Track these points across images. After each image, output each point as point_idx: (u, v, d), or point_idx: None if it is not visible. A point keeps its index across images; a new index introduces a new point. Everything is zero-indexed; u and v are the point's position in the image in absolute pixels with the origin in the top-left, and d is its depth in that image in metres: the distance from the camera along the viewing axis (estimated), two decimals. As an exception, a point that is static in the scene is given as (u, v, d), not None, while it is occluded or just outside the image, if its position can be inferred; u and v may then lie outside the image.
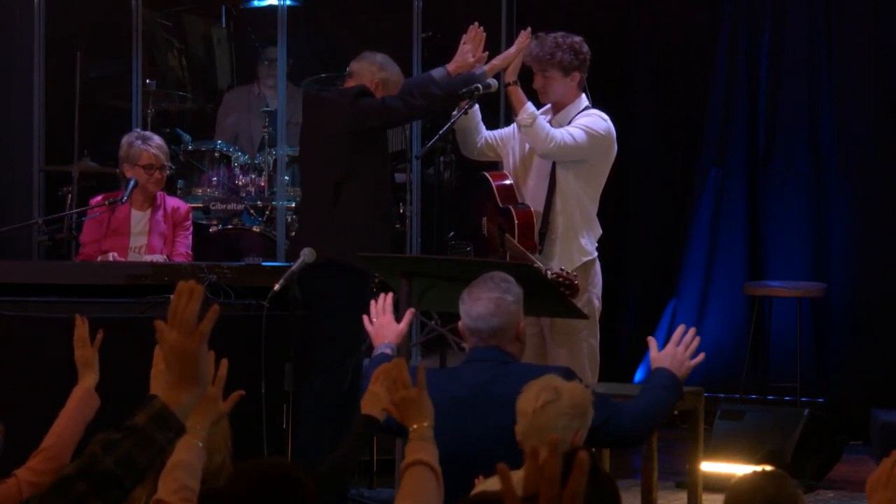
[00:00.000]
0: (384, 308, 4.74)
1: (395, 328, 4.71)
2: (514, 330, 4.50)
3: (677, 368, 4.49)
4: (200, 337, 2.61)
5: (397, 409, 3.54)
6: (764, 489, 3.16)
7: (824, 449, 7.33)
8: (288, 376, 5.71)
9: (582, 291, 6.11)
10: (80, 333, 4.25)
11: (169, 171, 6.98)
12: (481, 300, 4.48)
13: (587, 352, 6.22)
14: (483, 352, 4.48)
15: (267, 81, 8.80)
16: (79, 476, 2.48)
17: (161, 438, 2.55)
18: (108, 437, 2.51)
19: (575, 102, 6.35)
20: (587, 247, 6.28)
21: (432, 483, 3.35)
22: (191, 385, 2.60)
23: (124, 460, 2.49)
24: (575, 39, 6.35)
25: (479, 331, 4.48)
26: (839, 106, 8.59)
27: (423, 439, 3.44)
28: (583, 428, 3.95)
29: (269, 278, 5.94)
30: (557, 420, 3.90)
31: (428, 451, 3.41)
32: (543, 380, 4.01)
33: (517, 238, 6.18)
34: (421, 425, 3.48)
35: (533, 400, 3.93)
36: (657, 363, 4.52)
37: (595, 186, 6.34)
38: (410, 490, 3.32)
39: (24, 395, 5.74)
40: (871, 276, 8.53)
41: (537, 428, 3.90)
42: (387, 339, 4.69)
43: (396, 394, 3.53)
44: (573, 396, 3.94)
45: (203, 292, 2.64)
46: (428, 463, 3.36)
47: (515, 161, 6.44)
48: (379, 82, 6.38)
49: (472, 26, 6.60)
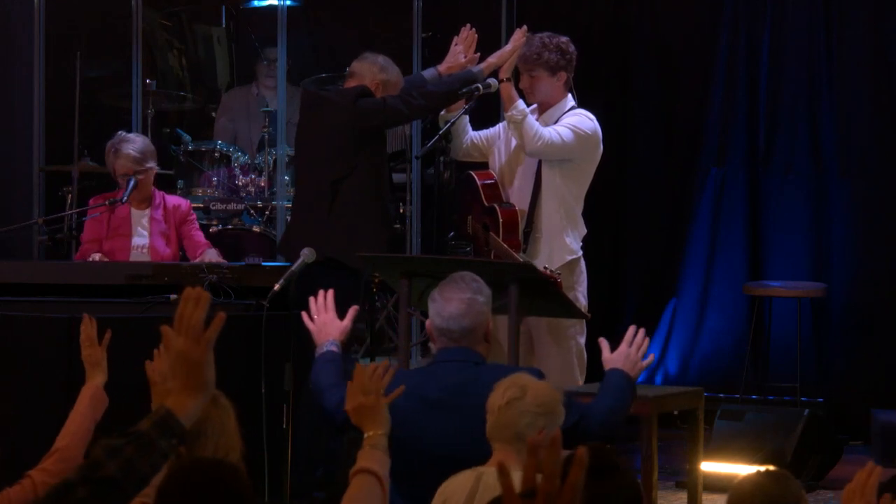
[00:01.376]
0: (326, 305, 4.71)
1: (339, 325, 4.65)
2: (483, 330, 4.50)
3: (630, 369, 4.53)
4: (206, 344, 2.61)
5: (353, 414, 3.51)
6: (767, 489, 3.15)
7: (824, 449, 7.33)
8: (288, 376, 5.70)
9: (568, 290, 6.11)
10: (87, 333, 4.24)
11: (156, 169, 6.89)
12: (453, 301, 4.46)
13: (576, 350, 6.23)
14: (453, 352, 4.46)
15: (266, 81, 8.80)
16: (81, 481, 2.48)
17: (164, 445, 2.54)
18: (110, 443, 2.51)
19: (561, 102, 6.37)
20: (572, 245, 6.29)
21: (377, 492, 3.33)
22: (196, 391, 2.60)
23: (126, 466, 2.49)
24: (562, 39, 6.36)
25: (450, 331, 4.47)
26: (839, 106, 8.59)
27: (375, 447, 3.42)
28: (548, 427, 3.93)
29: (269, 278, 5.94)
30: (521, 418, 3.89)
31: (378, 459, 3.39)
32: (512, 377, 4.01)
33: (501, 237, 6.20)
34: (376, 433, 3.46)
35: (499, 397, 3.93)
36: (610, 364, 4.56)
37: (580, 186, 6.35)
38: (355, 497, 3.31)
39: (24, 395, 5.74)
40: (871, 276, 8.52)
41: (502, 425, 3.91)
42: (331, 336, 4.65)
43: (355, 399, 3.51)
44: (539, 395, 3.93)
45: (210, 299, 2.64)
46: (375, 472, 3.34)
47: (501, 161, 6.46)
48: (379, 83, 6.38)
49: (464, 28, 6.62)
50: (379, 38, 9.00)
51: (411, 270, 5.56)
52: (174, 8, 9.50)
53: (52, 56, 8.41)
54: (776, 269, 8.67)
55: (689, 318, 8.78)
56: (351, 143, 6.27)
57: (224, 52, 9.53)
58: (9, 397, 5.78)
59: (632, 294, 9.04)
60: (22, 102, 8.35)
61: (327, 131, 6.33)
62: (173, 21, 9.47)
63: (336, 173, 6.29)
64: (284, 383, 5.71)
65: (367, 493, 3.31)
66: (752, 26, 8.76)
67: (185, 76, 9.49)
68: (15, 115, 8.46)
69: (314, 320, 4.66)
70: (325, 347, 4.61)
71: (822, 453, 7.31)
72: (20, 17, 8.37)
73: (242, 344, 5.69)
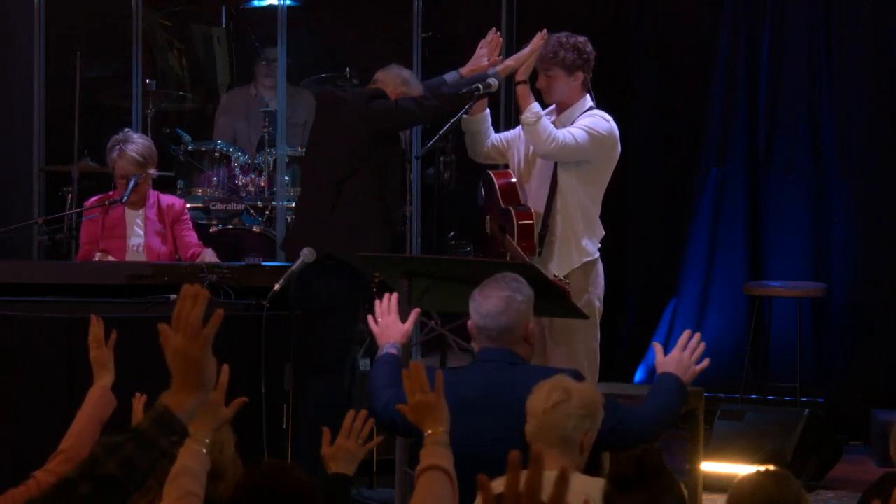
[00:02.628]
0: (389, 308, 4.75)
1: (401, 328, 4.72)
2: (522, 330, 4.50)
3: (682, 373, 4.49)
4: (204, 341, 2.61)
5: (413, 413, 3.53)
6: (767, 489, 3.15)
7: (824, 449, 7.33)
8: (288, 376, 5.70)
9: (582, 292, 6.11)
10: (95, 333, 4.24)
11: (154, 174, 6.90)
12: (491, 298, 4.48)
13: (586, 352, 6.21)
14: (491, 352, 4.47)
15: (265, 81, 8.79)
16: (81, 479, 2.48)
17: (163, 442, 2.54)
18: (110, 441, 2.51)
19: (579, 102, 6.34)
20: (588, 247, 6.26)
21: (447, 488, 3.35)
22: (194, 389, 2.60)
23: (126, 463, 2.49)
24: (579, 39, 6.34)
25: (488, 329, 4.48)
26: (839, 106, 8.59)
27: (438, 444, 3.44)
28: (592, 429, 3.95)
29: (269, 278, 5.94)
30: (567, 421, 3.90)
31: (443, 455, 3.41)
32: (554, 380, 4.01)
33: (516, 240, 6.19)
34: (437, 430, 3.48)
35: (543, 400, 3.93)
36: (662, 368, 4.52)
37: (597, 187, 6.33)
38: (425, 495, 3.32)
39: (24, 395, 5.74)
40: (871, 276, 8.52)
41: (547, 428, 3.90)
42: (392, 338, 4.70)
43: (413, 397, 3.52)
44: (583, 397, 3.94)
45: (208, 297, 2.64)
46: (444, 468, 3.36)
47: (520, 162, 6.44)
48: (400, 95, 6.38)
49: (491, 31, 6.60)
50: (379, 38, 9.00)
51: (411, 270, 5.56)
52: (174, 8, 9.50)
53: (52, 56, 8.41)
54: (776, 269, 8.67)
55: (689, 318, 8.78)
56: (363, 144, 6.27)
57: (224, 52, 9.53)
58: (9, 397, 5.78)
59: (632, 294, 9.05)
60: (22, 102, 8.34)
61: (340, 132, 6.33)
62: (173, 21, 9.46)
63: (342, 173, 6.29)
64: (284, 383, 5.72)
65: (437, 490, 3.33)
66: (752, 26, 8.77)
67: (185, 76, 9.49)
68: (15, 115, 8.45)
69: (378, 323, 4.70)
70: (384, 350, 4.68)
71: (822, 453, 7.32)
72: (20, 17, 8.37)
73: (242, 344, 5.69)
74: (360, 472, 6.87)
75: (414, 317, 4.78)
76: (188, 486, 3.02)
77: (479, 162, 6.67)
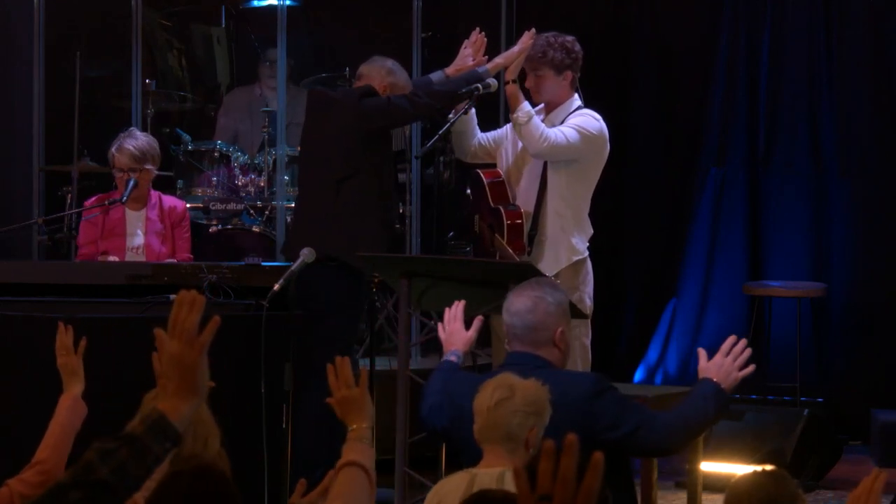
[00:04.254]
0: (455, 315, 4.75)
1: (464, 336, 4.73)
2: (550, 333, 4.46)
3: (723, 379, 4.37)
4: (200, 348, 2.60)
5: (338, 407, 3.52)
6: (764, 488, 3.16)
7: (824, 449, 7.33)
8: (288, 376, 5.70)
9: (573, 290, 6.10)
10: (62, 341, 4.15)
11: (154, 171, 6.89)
12: (521, 297, 4.48)
13: (579, 350, 6.22)
14: (519, 356, 4.46)
15: (268, 82, 8.80)
16: (73, 484, 2.47)
17: (157, 448, 2.53)
18: (103, 446, 2.50)
19: (567, 102, 6.35)
20: (578, 246, 6.27)
21: (364, 485, 3.33)
22: (189, 395, 2.60)
23: (120, 469, 2.48)
24: (567, 38, 6.34)
25: (514, 327, 4.47)
26: (839, 106, 8.59)
27: (360, 440, 3.42)
28: (538, 426, 3.93)
29: (269, 278, 5.93)
30: (511, 417, 3.90)
31: (363, 452, 3.39)
32: (499, 378, 4.00)
33: (506, 239, 6.19)
34: (360, 426, 3.46)
35: (487, 398, 3.93)
36: (703, 373, 4.42)
37: (587, 187, 6.33)
38: (342, 491, 3.31)
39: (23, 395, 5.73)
40: (871, 276, 8.52)
41: (491, 425, 3.91)
42: (454, 346, 4.70)
43: (339, 392, 3.51)
44: (528, 395, 3.92)
45: (204, 303, 2.63)
46: (362, 465, 3.34)
47: (508, 162, 6.45)
48: (387, 87, 6.37)
49: (475, 31, 6.60)
50: (379, 38, 9.00)
51: (411, 270, 5.56)
52: (174, 8, 9.50)
53: (52, 56, 8.41)
54: (776, 269, 8.67)
55: (689, 318, 8.78)
56: (356, 143, 6.27)
57: (224, 52, 9.53)
58: (9, 397, 5.78)
59: (632, 294, 9.05)
60: (22, 102, 8.34)
61: (333, 131, 6.33)
62: (173, 21, 9.47)
63: (339, 173, 6.29)
64: (284, 383, 5.71)
65: (355, 486, 3.31)
66: (752, 26, 8.77)
67: (185, 76, 9.49)
68: (15, 115, 8.45)
69: (445, 330, 4.74)
70: (446, 357, 4.70)
71: (822, 453, 7.32)
72: (20, 17, 8.37)
73: (242, 344, 5.68)
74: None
75: (478, 325, 4.77)
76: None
77: (465, 161, 6.67)
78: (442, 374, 4.62)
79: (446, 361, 4.66)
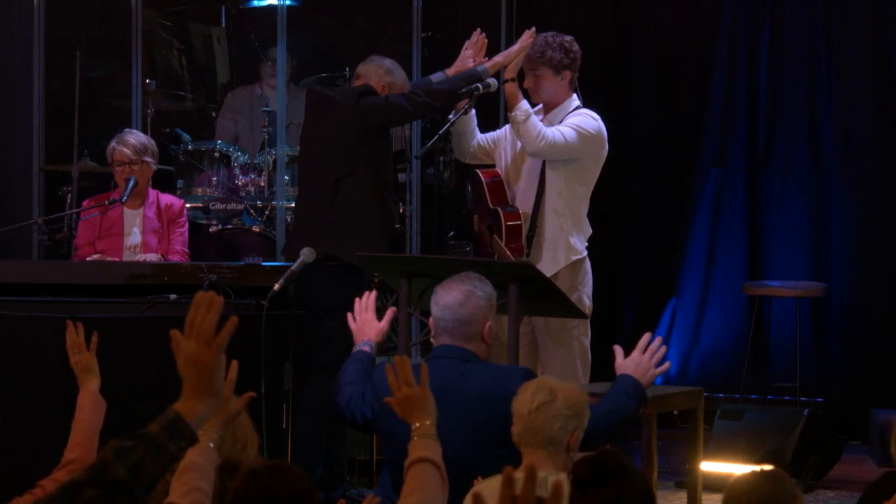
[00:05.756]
0: (367, 305, 4.78)
1: (377, 326, 4.76)
2: (479, 327, 4.51)
3: (641, 376, 4.50)
4: (217, 348, 2.61)
5: (400, 407, 3.54)
6: (762, 488, 3.15)
7: (824, 449, 7.33)
8: (287, 376, 5.70)
9: (572, 290, 6.11)
10: (73, 339, 4.17)
11: (153, 166, 6.91)
12: (451, 291, 4.52)
13: (579, 350, 6.22)
14: (446, 349, 4.50)
15: (270, 82, 8.80)
16: (89, 482, 2.48)
17: (173, 448, 2.54)
18: (120, 444, 2.51)
19: (566, 102, 6.35)
20: (576, 246, 6.27)
21: (436, 479, 3.38)
22: (206, 396, 2.61)
23: (135, 468, 2.49)
24: (565, 38, 6.35)
25: (445, 320, 4.50)
26: (839, 106, 8.59)
27: (426, 437, 3.47)
28: (579, 429, 3.93)
29: (269, 278, 5.94)
30: (553, 421, 3.89)
31: (432, 448, 3.44)
32: (539, 380, 4.01)
33: (504, 240, 6.19)
34: (423, 423, 3.50)
35: (528, 401, 3.91)
36: (622, 370, 4.53)
37: (585, 186, 6.33)
38: (415, 487, 3.35)
39: (23, 395, 5.74)
40: (871, 276, 8.52)
41: (533, 429, 3.89)
42: (367, 336, 4.73)
43: (400, 391, 3.54)
44: (568, 397, 3.92)
45: (222, 304, 2.64)
46: (432, 460, 3.39)
47: (507, 162, 6.45)
48: (385, 86, 6.37)
49: (475, 32, 6.59)
50: (379, 38, 9.00)
51: (411, 270, 5.56)
52: (174, 8, 9.50)
53: (52, 56, 8.41)
54: (776, 269, 8.67)
55: (688, 318, 8.78)
56: (355, 141, 6.27)
57: (224, 52, 9.53)
58: (8, 397, 5.78)
59: (632, 294, 9.05)
60: (22, 102, 8.34)
61: (332, 130, 6.33)
62: (173, 21, 9.47)
63: (338, 172, 6.29)
64: (284, 383, 5.72)
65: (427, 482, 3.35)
66: (752, 26, 8.77)
67: (185, 76, 9.49)
68: (15, 115, 8.45)
69: (356, 320, 4.73)
70: (358, 347, 4.74)
71: (822, 453, 7.32)
72: (20, 17, 8.37)
73: (242, 344, 5.67)
74: (360, 472, 6.90)
75: (390, 315, 4.81)
76: (195, 482, 3.01)
77: (465, 162, 6.68)
78: (358, 364, 4.65)
79: (359, 351, 4.68)
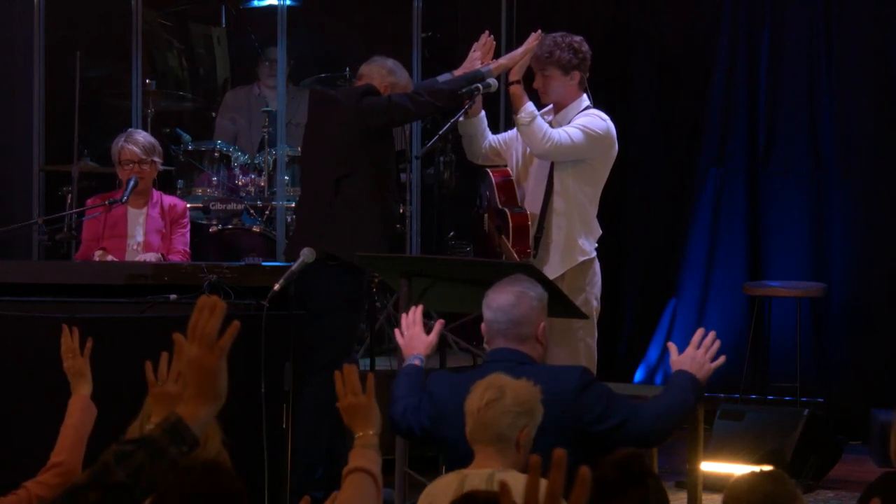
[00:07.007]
0: (414, 320, 4.75)
1: (426, 339, 4.73)
2: (533, 328, 4.48)
3: (697, 370, 4.48)
4: (220, 352, 2.61)
5: (345, 415, 3.52)
6: (762, 488, 3.16)
7: (824, 449, 7.33)
8: (287, 376, 5.70)
9: (579, 291, 6.10)
10: (67, 344, 4.15)
11: (159, 166, 6.93)
12: (503, 292, 4.49)
13: (584, 351, 6.21)
14: (501, 353, 4.47)
15: (268, 81, 8.80)
16: (90, 486, 2.48)
17: (174, 452, 2.54)
18: (121, 448, 2.51)
19: (576, 102, 6.33)
20: (585, 247, 6.26)
21: (372, 490, 3.34)
22: (208, 400, 2.61)
23: (136, 472, 2.49)
24: (575, 39, 6.33)
25: (498, 322, 4.47)
26: (839, 106, 8.59)
27: (367, 447, 3.43)
28: (530, 426, 3.93)
29: (269, 278, 5.93)
30: (502, 418, 3.90)
31: (370, 458, 3.40)
32: (489, 378, 4.00)
33: (511, 241, 6.18)
34: (366, 433, 3.46)
35: (478, 399, 3.93)
36: (677, 366, 4.52)
37: (594, 187, 6.31)
38: (350, 496, 3.32)
39: (23, 395, 5.74)
40: (871, 276, 8.52)
41: (482, 426, 3.91)
42: (416, 350, 4.70)
43: (345, 399, 3.51)
44: (518, 395, 3.93)
45: (225, 308, 2.64)
46: (370, 471, 3.36)
47: (517, 163, 6.43)
48: (388, 86, 6.37)
49: (484, 34, 6.58)
50: (379, 38, 9.01)
51: (411, 270, 5.55)
52: (174, 8, 9.50)
53: (52, 56, 8.41)
54: (776, 269, 8.67)
55: (689, 318, 8.78)
56: (356, 141, 6.27)
57: (224, 52, 9.53)
58: (8, 397, 5.78)
59: (632, 294, 9.05)
60: (22, 102, 8.34)
61: (333, 130, 6.33)
62: (173, 21, 9.47)
63: (339, 171, 6.29)
64: (284, 383, 5.71)
65: (362, 492, 3.32)
66: (752, 26, 8.77)
67: (185, 76, 9.49)
68: (15, 115, 8.45)
69: (404, 335, 4.73)
70: (408, 361, 4.70)
71: (822, 453, 7.32)
72: (20, 17, 8.37)
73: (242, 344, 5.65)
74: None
75: (438, 328, 4.78)
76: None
77: (476, 163, 6.67)
78: (409, 378, 4.62)
79: (409, 366, 4.66)
